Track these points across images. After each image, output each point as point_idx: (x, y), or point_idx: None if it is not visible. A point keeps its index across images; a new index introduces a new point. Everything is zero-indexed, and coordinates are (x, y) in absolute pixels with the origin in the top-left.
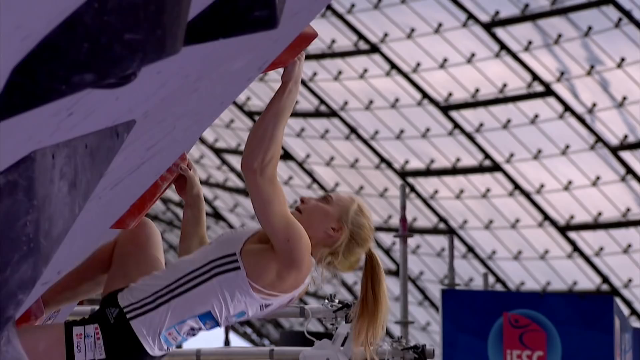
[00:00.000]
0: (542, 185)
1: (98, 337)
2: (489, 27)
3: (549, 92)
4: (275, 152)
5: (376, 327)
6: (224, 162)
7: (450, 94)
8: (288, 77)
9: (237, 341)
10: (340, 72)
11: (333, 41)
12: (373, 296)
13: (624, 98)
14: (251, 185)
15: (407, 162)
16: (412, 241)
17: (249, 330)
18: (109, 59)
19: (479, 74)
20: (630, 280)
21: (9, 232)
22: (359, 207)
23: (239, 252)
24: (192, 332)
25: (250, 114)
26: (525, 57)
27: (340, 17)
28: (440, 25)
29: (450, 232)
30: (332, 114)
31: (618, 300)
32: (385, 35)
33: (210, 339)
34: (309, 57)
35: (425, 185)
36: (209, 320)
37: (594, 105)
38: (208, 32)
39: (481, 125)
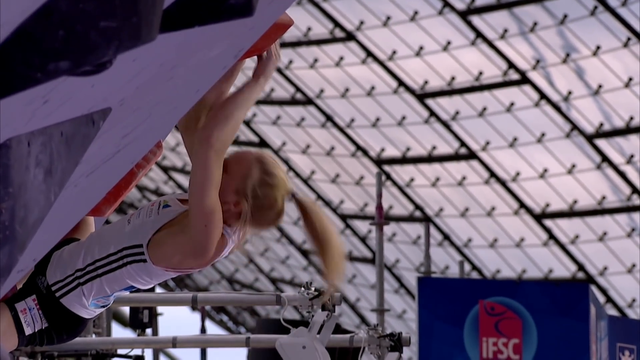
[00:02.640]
0: (517, 173)
1: (38, 308)
2: (464, 15)
3: (524, 80)
4: (231, 136)
5: (333, 260)
6: None
7: (426, 82)
8: (261, 72)
9: (213, 329)
10: (316, 60)
11: (309, 29)
12: (319, 236)
13: (600, 86)
14: (201, 156)
15: (383, 150)
16: (388, 229)
17: (225, 318)
18: (85, 46)
19: (454, 62)
20: (605, 268)
21: None
22: (260, 174)
23: (145, 245)
24: (120, 293)
25: None
26: (501, 45)
27: (316, 4)
28: (416, 13)
29: (426, 220)
30: (308, 101)
31: (594, 288)
32: (361, 23)
33: (186, 326)
34: (284, 44)
35: (401, 173)
36: (133, 288)
37: (570, 93)
38: (184, 20)
39: (457, 113)
